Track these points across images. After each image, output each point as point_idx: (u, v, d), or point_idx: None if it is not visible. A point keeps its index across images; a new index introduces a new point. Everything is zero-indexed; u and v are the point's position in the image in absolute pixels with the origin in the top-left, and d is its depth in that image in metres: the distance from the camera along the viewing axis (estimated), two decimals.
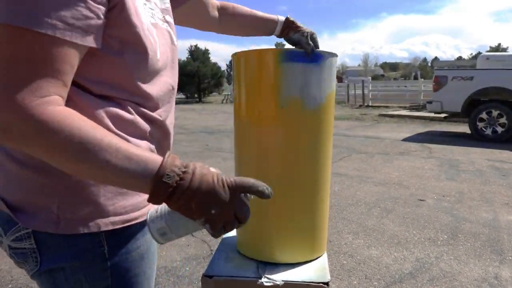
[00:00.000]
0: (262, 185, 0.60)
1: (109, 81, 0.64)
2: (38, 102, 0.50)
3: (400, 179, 4.45)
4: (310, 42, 1.05)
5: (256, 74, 1.14)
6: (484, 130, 7.25)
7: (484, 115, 7.22)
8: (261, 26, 1.15)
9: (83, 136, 0.52)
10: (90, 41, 0.57)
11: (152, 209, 0.63)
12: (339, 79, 32.56)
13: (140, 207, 0.73)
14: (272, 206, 1.27)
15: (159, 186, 0.54)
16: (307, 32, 1.10)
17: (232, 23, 1.13)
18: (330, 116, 1.22)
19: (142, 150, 0.57)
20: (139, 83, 0.67)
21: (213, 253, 1.40)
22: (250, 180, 0.60)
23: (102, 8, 0.57)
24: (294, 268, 1.26)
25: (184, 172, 0.55)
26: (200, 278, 1.34)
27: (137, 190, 0.56)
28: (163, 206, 0.61)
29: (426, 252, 2.62)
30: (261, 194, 0.59)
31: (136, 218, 0.72)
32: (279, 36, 1.17)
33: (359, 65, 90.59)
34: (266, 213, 1.28)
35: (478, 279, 2.25)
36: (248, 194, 0.60)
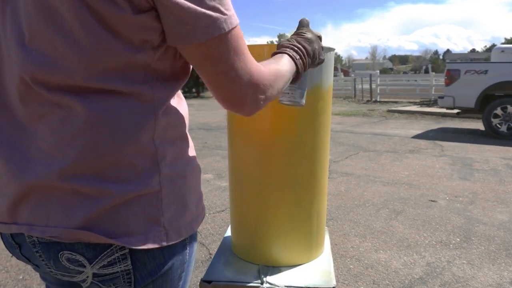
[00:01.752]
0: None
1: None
2: (263, 68, 0.69)
3: (410, 179, 4.44)
4: None
5: None
6: (499, 126, 7.22)
7: (499, 111, 7.19)
8: None
9: (282, 71, 0.75)
10: None
11: (281, 97, 0.96)
12: (346, 72, 32.45)
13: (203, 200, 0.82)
14: (269, 205, 1.27)
15: (301, 67, 0.84)
16: None
17: None
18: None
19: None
20: None
21: (212, 257, 1.40)
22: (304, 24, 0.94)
23: None
24: (297, 272, 1.26)
25: (298, 50, 0.84)
26: (198, 283, 1.34)
27: (291, 78, 0.81)
28: (286, 88, 0.89)
29: (437, 256, 2.61)
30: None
31: (204, 211, 0.80)
32: None
33: (366, 58, 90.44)
34: (264, 213, 1.27)
35: (492, 285, 2.24)
36: None
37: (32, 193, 0.64)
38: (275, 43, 1.20)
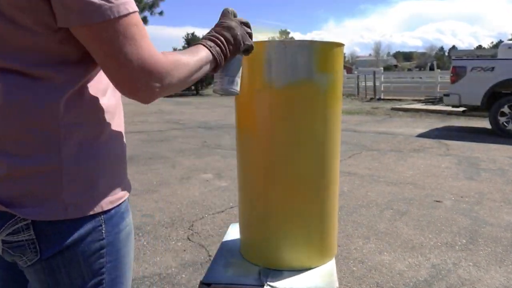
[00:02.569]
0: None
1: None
2: (161, 55, 0.71)
3: (414, 179, 4.44)
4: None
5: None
6: (506, 125, 7.21)
7: (506, 109, 7.19)
8: None
9: (184, 60, 0.76)
10: None
11: (213, 86, 1.01)
12: (349, 70, 32.47)
13: (127, 185, 0.86)
14: (279, 206, 1.27)
15: (218, 55, 0.86)
16: None
17: None
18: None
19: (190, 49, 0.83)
20: None
21: (212, 259, 1.40)
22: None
23: None
24: (299, 274, 1.26)
25: (214, 38, 0.87)
26: (197, 285, 1.34)
27: (209, 67, 0.84)
28: (216, 75, 0.97)
29: (443, 257, 2.61)
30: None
31: (125, 195, 0.84)
32: None
33: (370, 54, 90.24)
34: (272, 214, 1.27)
35: (499, 287, 2.24)
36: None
37: None
38: (277, 39, 1.20)
